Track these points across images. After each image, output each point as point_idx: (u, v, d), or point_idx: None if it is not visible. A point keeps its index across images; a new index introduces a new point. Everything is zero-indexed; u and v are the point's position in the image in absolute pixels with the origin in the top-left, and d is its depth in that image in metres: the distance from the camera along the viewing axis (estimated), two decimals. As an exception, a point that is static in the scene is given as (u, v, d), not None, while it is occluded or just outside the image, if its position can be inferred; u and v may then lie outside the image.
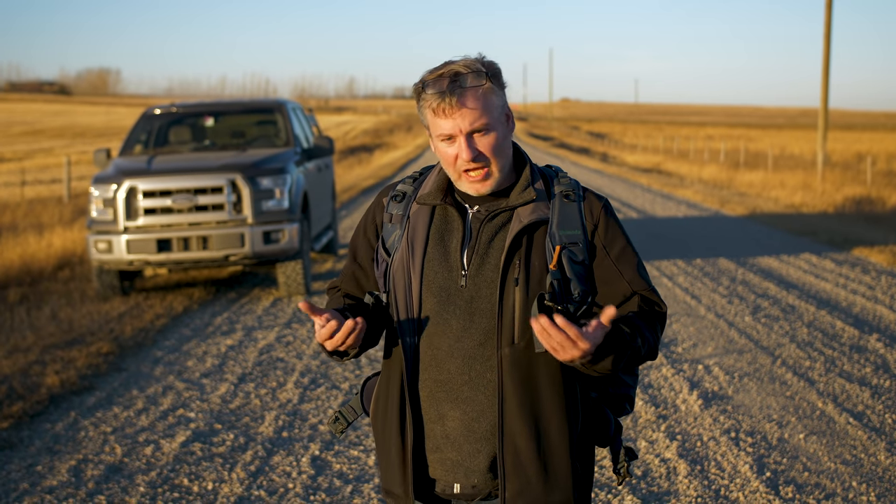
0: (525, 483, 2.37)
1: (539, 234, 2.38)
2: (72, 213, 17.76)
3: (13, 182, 24.33)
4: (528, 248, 2.37)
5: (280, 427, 6.21)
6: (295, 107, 12.78)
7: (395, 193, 2.53)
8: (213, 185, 10.12)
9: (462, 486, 2.43)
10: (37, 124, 70.26)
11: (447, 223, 2.44)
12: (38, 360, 7.75)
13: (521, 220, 2.37)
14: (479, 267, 2.38)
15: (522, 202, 2.39)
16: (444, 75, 2.33)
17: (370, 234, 2.58)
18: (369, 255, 2.58)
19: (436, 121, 2.35)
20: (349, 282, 2.63)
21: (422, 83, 2.36)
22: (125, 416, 6.52)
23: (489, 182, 2.38)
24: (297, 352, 8.17)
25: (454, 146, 2.36)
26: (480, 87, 2.33)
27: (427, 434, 2.44)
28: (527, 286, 2.34)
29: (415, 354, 2.43)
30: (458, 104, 2.31)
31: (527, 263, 2.35)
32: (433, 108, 2.34)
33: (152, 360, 8.03)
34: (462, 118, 2.32)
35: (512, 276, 2.35)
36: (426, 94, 2.35)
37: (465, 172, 2.37)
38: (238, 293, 10.98)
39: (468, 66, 2.34)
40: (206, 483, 5.30)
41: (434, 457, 2.44)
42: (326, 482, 5.28)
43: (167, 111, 12.07)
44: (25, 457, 5.76)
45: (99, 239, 10.06)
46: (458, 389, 2.38)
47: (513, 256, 2.36)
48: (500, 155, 2.37)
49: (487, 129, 2.34)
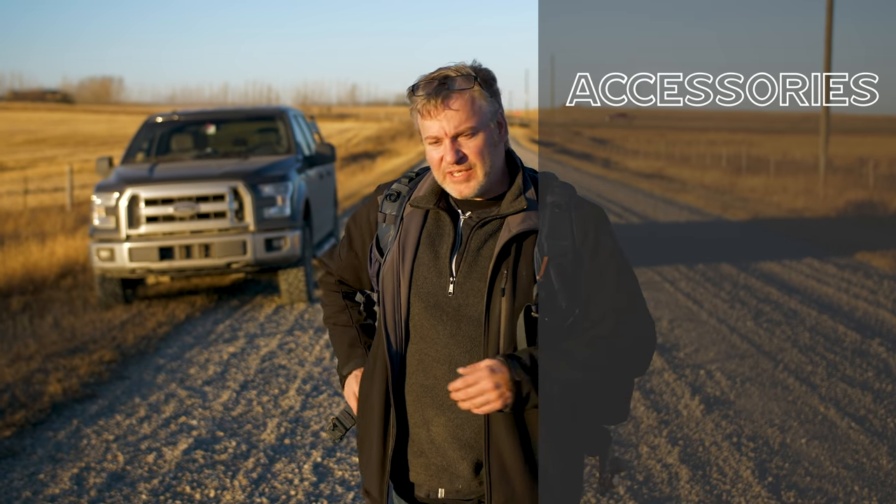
0: (511, 492, 2.37)
1: (528, 244, 2.38)
2: (74, 221, 17.78)
3: (16, 191, 24.37)
4: (517, 257, 2.37)
5: (282, 434, 6.21)
6: (296, 114, 12.80)
7: (390, 192, 2.54)
8: (215, 193, 10.14)
9: (447, 490, 2.44)
10: (39, 133, 70.35)
11: (439, 228, 2.45)
12: (40, 369, 7.76)
13: (511, 230, 2.37)
14: (467, 274, 2.39)
15: (513, 211, 2.40)
16: (435, 79, 2.36)
17: (364, 230, 2.60)
18: (365, 249, 2.61)
19: (423, 123, 2.38)
20: (348, 270, 2.68)
21: (413, 86, 2.39)
22: (127, 424, 6.53)
23: (471, 184, 2.39)
24: (300, 359, 8.18)
25: (440, 148, 2.37)
26: (468, 90, 2.35)
27: (412, 438, 2.45)
28: (513, 296, 2.34)
29: (401, 358, 2.44)
30: (443, 106, 2.33)
31: (514, 273, 2.35)
32: (420, 109, 2.36)
33: (154, 367, 8.04)
34: (447, 120, 2.34)
35: (499, 286, 2.35)
36: (415, 97, 2.38)
37: (448, 174, 2.39)
38: (240, 300, 10.98)
39: (458, 70, 2.37)
40: (209, 490, 5.30)
41: (418, 461, 2.45)
42: (328, 489, 5.28)
43: (169, 119, 12.10)
44: (28, 465, 5.77)
45: (101, 247, 10.08)
46: (444, 395, 2.39)
47: (501, 266, 2.36)
48: (484, 159, 2.37)
49: (473, 132, 2.35)
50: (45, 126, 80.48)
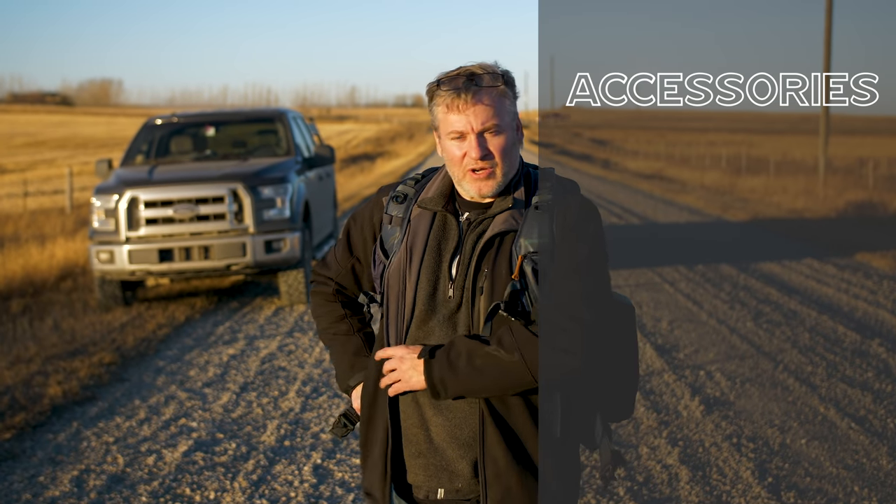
0: (506, 491, 2.38)
1: (508, 243, 2.38)
2: (74, 223, 17.79)
3: (16, 193, 24.37)
4: (497, 256, 2.37)
5: (282, 436, 6.21)
6: (296, 116, 12.81)
7: (396, 194, 2.53)
8: (215, 195, 10.14)
9: (446, 490, 2.44)
10: (39, 135, 70.35)
11: (445, 231, 2.46)
12: (40, 371, 7.76)
13: (494, 229, 2.39)
14: (463, 275, 2.40)
15: (500, 210, 2.41)
16: (461, 74, 2.36)
17: (367, 233, 2.59)
18: (367, 251, 2.59)
19: (448, 117, 2.37)
20: (346, 276, 2.64)
21: (437, 81, 2.39)
22: (127, 426, 6.53)
23: (492, 182, 2.39)
24: (299, 361, 8.18)
25: (463, 144, 2.37)
26: (496, 88, 2.35)
27: (410, 439, 2.45)
28: (491, 295, 2.35)
29: None
30: (472, 101, 2.33)
31: (493, 272, 2.36)
32: (447, 103, 2.35)
33: (154, 369, 8.04)
34: (475, 116, 2.34)
35: (479, 285, 2.36)
36: (441, 91, 2.36)
37: (470, 171, 2.38)
38: (240, 302, 10.98)
39: (485, 67, 2.37)
40: (209, 492, 5.30)
41: (417, 462, 2.46)
42: (328, 491, 5.28)
43: (168, 121, 12.10)
44: (28, 467, 5.77)
45: (101, 249, 10.08)
46: None
47: (482, 264, 2.37)
48: (507, 158, 2.38)
49: (498, 130, 2.36)
50: (44, 128, 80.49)
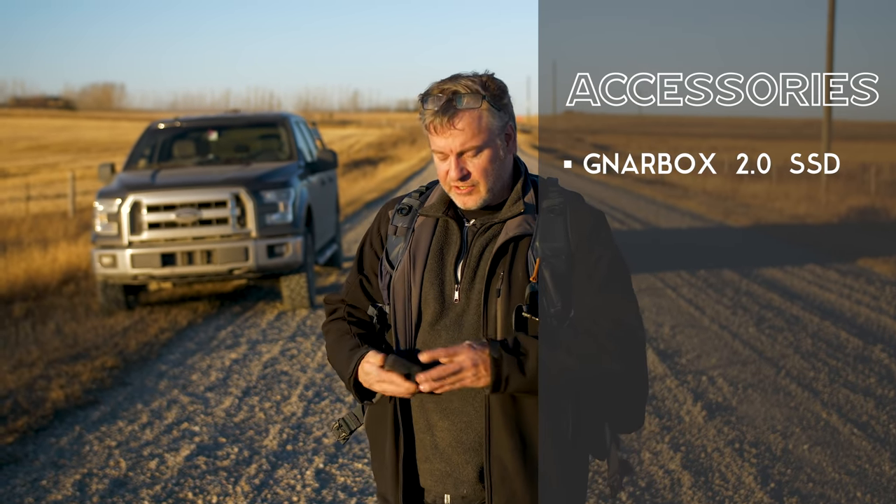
0: (511, 496, 2.38)
1: (524, 247, 2.41)
2: (76, 227, 17.81)
3: (18, 197, 24.42)
4: (513, 260, 2.40)
5: (284, 440, 6.21)
6: (298, 120, 12.82)
7: (401, 206, 2.58)
8: (217, 199, 10.16)
9: (452, 496, 2.45)
10: (41, 139, 70.48)
11: (447, 236, 2.49)
12: (42, 375, 7.76)
13: (507, 233, 2.42)
14: (470, 280, 2.43)
15: (511, 215, 2.44)
16: (445, 92, 2.38)
17: (376, 246, 2.62)
18: (375, 266, 2.61)
19: (431, 137, 2.43)
20: (355, 292, 2.63)
21: (424, 95, 2.42)
22: (130, 430, 6.53)
23: (474, 198, 2.43)
24: (302, 365, 8.18)
25: (446, 162, 2.42)
26: (476, 109, 2.37)
27: (417, 444, 2.47)
28: (508, 297, 2.37)
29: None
30: (448, 124, 2.37)
31: (509, 275, 2.38)
32: (429, 122, 2.40)
33: (157, 374, 8.05)
34: (453, 139, 2.38)
35: (495, 287, 2.38)
36: (424, 109, 2.41)
37: (454, 187, 2.44)
38: (242, 307, 10.99)
39: (468, 86, 2.38)
40: (211, 497, 5.30)
41: (424, 467, 2.47)
42: (331, 495, 5.28)
43: (171, 125, 12.11)
44: (30, 471, 5.77)
45: (103, 253, 10.09)
46: (447, 400, 2.41)
47: (497, 268, 2.40)
48: (488, 176, 2.41)
49: (478, 150, 2.39)
50: (47, 133, 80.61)
